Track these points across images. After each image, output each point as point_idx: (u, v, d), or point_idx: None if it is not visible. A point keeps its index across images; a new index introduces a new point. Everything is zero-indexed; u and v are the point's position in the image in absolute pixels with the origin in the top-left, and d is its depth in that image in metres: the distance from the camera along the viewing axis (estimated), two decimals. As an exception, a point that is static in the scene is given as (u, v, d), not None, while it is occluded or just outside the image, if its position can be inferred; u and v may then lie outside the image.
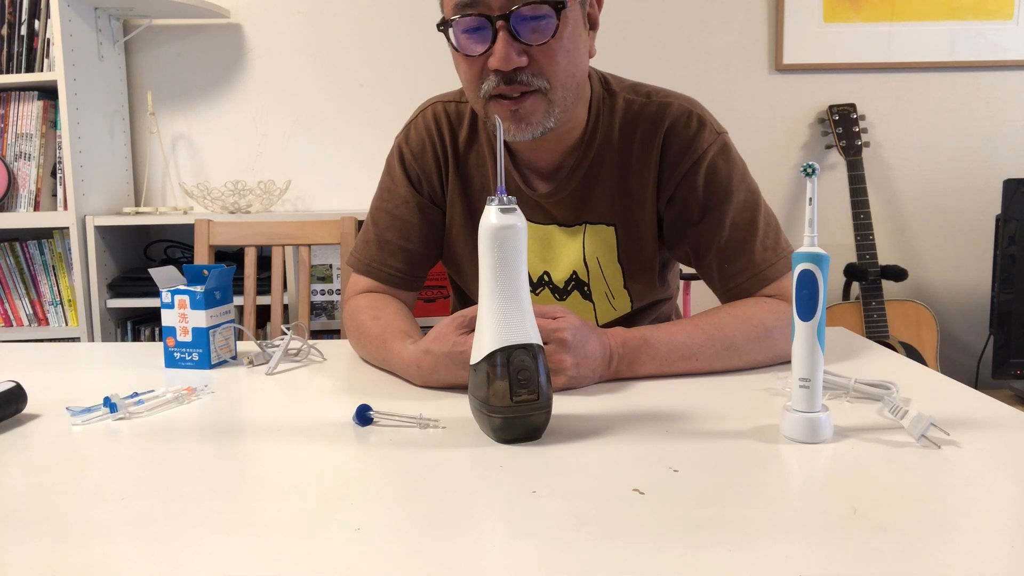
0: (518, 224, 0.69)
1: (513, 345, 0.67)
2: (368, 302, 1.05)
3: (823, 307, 0.67)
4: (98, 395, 0.81)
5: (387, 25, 2.37)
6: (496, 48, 0.86)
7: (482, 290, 0.70)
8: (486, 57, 0.88)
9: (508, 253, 0.68)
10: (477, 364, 0.69)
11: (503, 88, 0.89)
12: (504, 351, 0.67)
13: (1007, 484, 0.59)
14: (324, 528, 0.52)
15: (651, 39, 2.36)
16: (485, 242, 0.69)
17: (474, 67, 0.90)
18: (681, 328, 0.91)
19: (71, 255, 2.10)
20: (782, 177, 2.41)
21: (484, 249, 0.69)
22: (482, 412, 0.69)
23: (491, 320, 0.68)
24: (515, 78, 0.88)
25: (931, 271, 2.44)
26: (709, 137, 1.00)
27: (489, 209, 0.69)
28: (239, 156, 2.41)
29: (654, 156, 1.00)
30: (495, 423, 0.68)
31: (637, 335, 0.89)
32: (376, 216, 1.11)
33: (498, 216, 0.68)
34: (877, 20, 2.33)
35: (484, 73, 0.89)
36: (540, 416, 0.69)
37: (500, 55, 0.86)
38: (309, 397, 0.86)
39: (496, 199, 0.69)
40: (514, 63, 0.87)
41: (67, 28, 2.04)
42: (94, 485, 0.61)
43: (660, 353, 0.88)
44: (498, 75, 0.88)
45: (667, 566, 0.47)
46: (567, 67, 0.90)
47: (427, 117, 1.08)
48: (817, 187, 0.66)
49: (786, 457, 0.65)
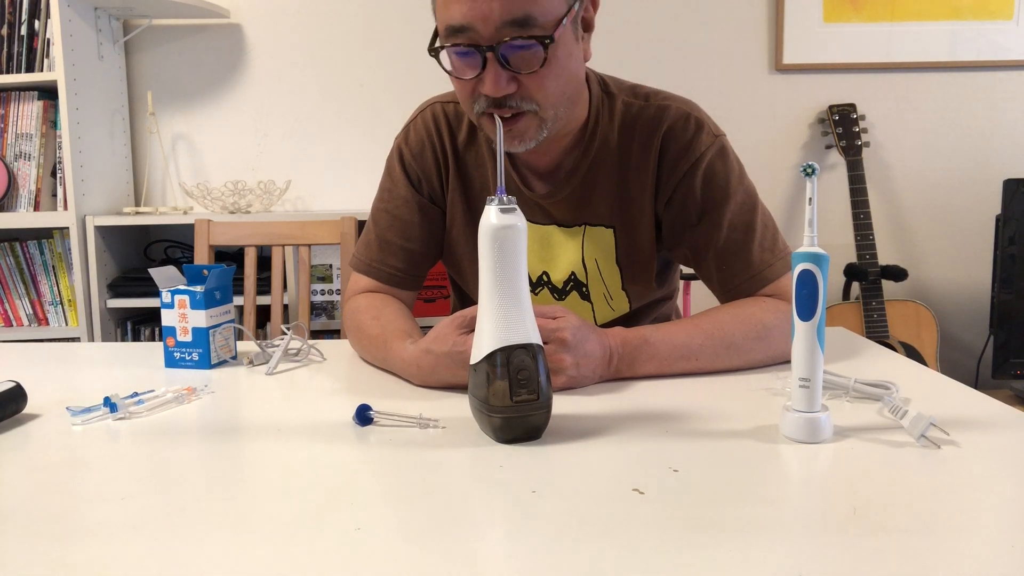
0: (518, 224, 0.69)
1: (513, 345, 0.67)
2: (368, 302, 1.05)
3: (823, 307, 0.67)
4: (98, 395, 0.81)
5: (387, 25, 2.37)
6: (486, 76, 0.87)
7: (482, 290, 0.70)
8: (477, 80, 0.88)
9: (508, 253, 0.68)
10: (477, 364, 0.69)
11: (495, 110, 0.90)
12: (504, 351, 0.67)
13: (1007, 484, 0.59)
14: (324, 528, 0.52)
15: (651, 39, 2.36)
16: (485, 242, 0.69)
17: (466, 88, 0.91)
18: (681, 328, 0.91)
19: (71, 255, 2.10)
20: (782, 177, 2.41)
21: (484, 249, 0.69)
22: (482, 412, 0.69)
23: (491, 320, 0.68)
24: (505, 103, 0.89)
25: (931, 271, 2.44)
26: (707, 139, 1.00)
27: (489, 209, 0.69)
28: (239, 156, 2.41)
29: (652, 159, 1.01)
30: (495, 423, 0.68)
31: (637, 335, 0.89)
32: (377, 216, 1.11)
33: (498, 216, 0.68)
34: (877, 20, 2.33)
35: (476, 94, 0.90)
36: (540, 416, 0.69)
37: (490, 84, 0.87)
38: (309, 397, 0.86)
39: (496, 199, 0.69)
40: (503, 91, 0.87)
41: (67, 28, 2.04)
42: (94, 485, 0.61)
43: (660, 352, 0.88)
44: (489, 98, 0.89)
45: (667, 566, 0.47)
46: (556, 90, 0.91)
47: (426, 117, 1.09)
48: (817, 187, 0.66)
49: (786, 457, 0.65)
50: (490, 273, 0.69)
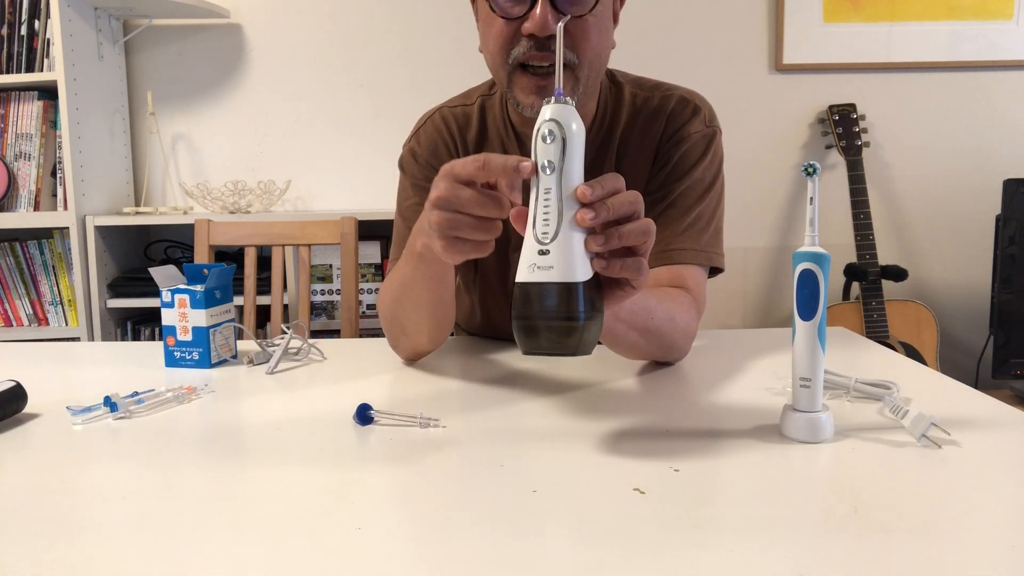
0: (574, 125, 0.62)
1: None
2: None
3: (824, 307, 0.67)
4: (98, 394, 0.81)
5: (387, 25, 2.37)
6: (535, 12, 0.86)
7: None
8: (521, 21, 0.88)
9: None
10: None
11: (534, 55, 0.88)
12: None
13: (1007, 484, 0.58)
14: (324, 528, 0.52)
15: (651, 39, 2.36)
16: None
17: (507, 30, 0.89)
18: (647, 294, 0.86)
19: (71, 255, 2.10)
20: (782, 177, 2.41)
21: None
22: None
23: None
24: (548, 46, 0.87)
25: (931, 271, 2.44)
26: (698, 126, 1.01)
27: (546, 108, 0.62)
28: (239, 156, 2.41)
29: (653, 146, 1.02)
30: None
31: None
32: (405, 213, 1.08)
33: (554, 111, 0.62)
34: (877, 20, 2.33)
35: (516, 38, 0.89)
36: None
37: (539, 20, 0.85)
38: (309, 397, 0.86)
39: (552, 99, 0.62)
40: (550, 29, 0.86)
41: (67, 28, 2.04)
42: (94, 485, 0.61)
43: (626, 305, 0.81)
44: (531, 40, 0.88)
45: (667, 566, 0.47)
46: (597, 46, 0.91)
47: (435, 121, 1.08)
48: (818, 187, 0.66)
49: (786, 457, 0.65)
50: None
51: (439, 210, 0.68)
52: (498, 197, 0.67)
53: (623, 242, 0.63)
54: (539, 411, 0.78)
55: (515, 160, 0.64)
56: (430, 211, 0.69)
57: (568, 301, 0.60)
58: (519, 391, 0.85)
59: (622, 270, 0.63)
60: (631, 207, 0.64)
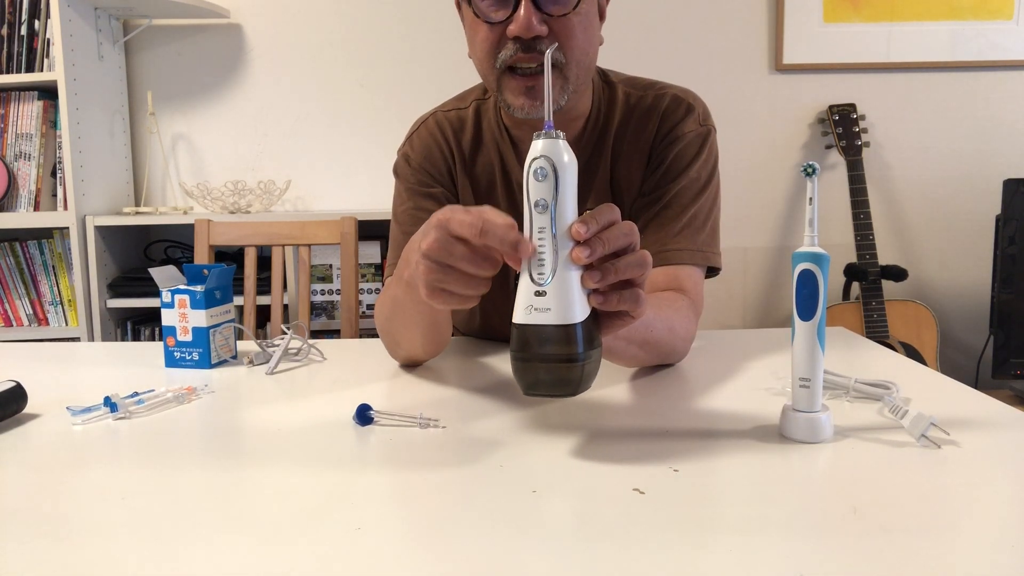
0: (565, 157, 0.61)
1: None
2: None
3: (823, 307, 0.67)
4: (98, 395, 0.81)
5: (387, 25, 2.37)
6: (518, 15, 0.86)
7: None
8: (506, 25, 0.88)
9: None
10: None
11: (520, 57, 0.88)
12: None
13: (1007, 484, 0.59)
14: (324, 528, 0.52)
15: (651, 39, 2.36)
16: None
17: (492, 35, 0.89)
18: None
19: (71, 255, 2.10)
20: (782, 177, 2.41)
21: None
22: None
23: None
24: (534, 47, 0.88)
25: (931, 271, 2.44)
26: (692, 125, 1.01)
27: (536, 144, 0.62)
28: (239, 156, 2.41)
29: (647, 146, 1.02)
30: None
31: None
32: (400, 219, 1.08)
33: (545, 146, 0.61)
34: (877, 20, 2.33)
35: (502, 42, 0.89)
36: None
37: (522, 22, 0.86)
38: (309, 397, 0.86)
39: (543, 133, 0.62)
40: (535, 31, 0.86)
41: (67, 28, 2.04)
42: (94, 485, 0.61)
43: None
44: (516, 43, 0.88)
45: (667, 566, 0.47)
46: (583, 44, 0.91)
47: (429, 126, 1.08)
48: (817, 187, 0.66)
49: (786, 457, 0.65)
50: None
51: (429, 261, 0.65)
52: (492, 257, 0.65)
53: (620, 276, 0.62)
54: (539, 411, 0.78)
55: (514, 237, 0.62)
56: (419, 260, 0.66)
57: (567, 342, 0.60)
58: (519, 391, 0.85)
59: (620, 303, 0.62)
60: (627, 239, 0.62)
